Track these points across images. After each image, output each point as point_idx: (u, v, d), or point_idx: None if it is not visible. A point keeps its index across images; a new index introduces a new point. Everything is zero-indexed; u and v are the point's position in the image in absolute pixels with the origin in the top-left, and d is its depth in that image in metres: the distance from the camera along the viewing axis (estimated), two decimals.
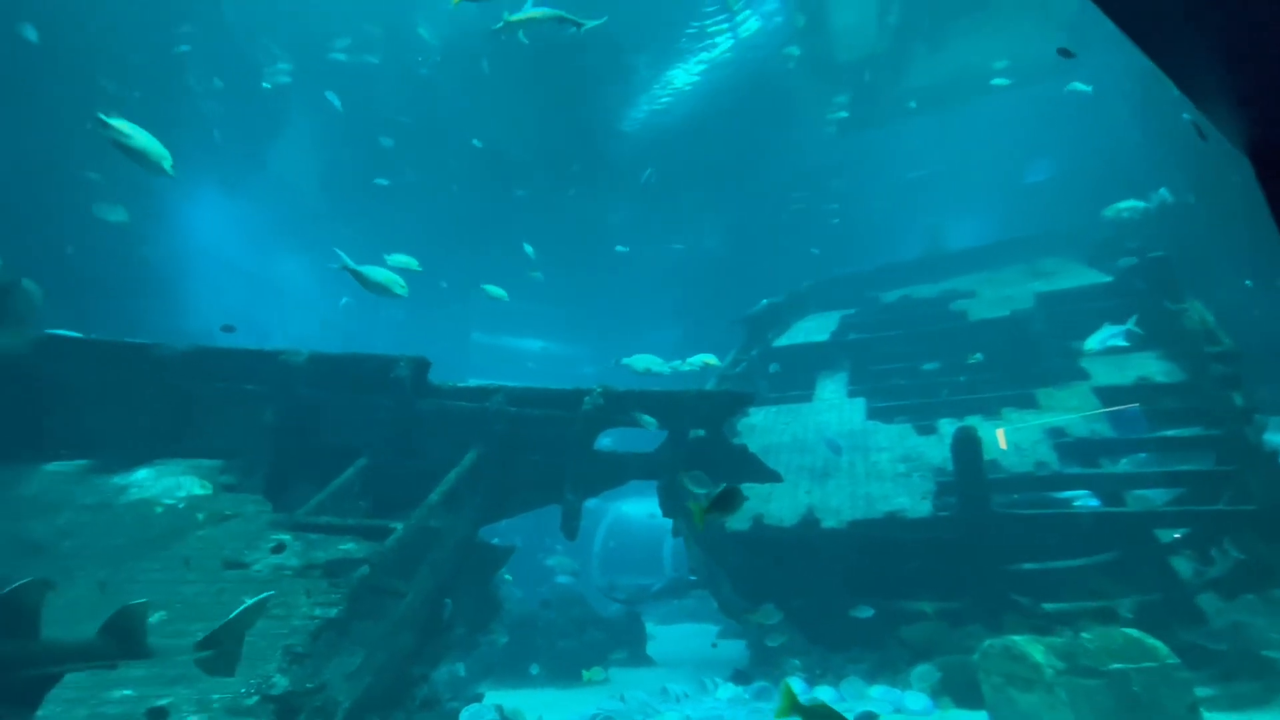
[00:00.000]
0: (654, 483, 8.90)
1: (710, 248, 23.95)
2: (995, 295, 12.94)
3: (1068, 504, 8.82)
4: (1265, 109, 1.37)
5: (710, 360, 10.00)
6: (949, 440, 8.31)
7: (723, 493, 4.45)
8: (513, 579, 12.01)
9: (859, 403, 11.36)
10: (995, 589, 7.70)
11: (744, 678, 8.31)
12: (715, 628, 13.21)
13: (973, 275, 14.67)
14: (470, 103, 18.02)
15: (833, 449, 9.47)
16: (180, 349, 7.43)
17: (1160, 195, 12.42)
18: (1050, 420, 9.55)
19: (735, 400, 8.76)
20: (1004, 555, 7.87)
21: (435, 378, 8.02)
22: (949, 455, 8.29)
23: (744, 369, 13.63)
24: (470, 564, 7.47)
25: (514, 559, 8.33)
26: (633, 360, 9.13)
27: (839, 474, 9.30)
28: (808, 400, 11.93)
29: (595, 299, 24.86)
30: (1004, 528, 7.85)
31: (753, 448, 8.68)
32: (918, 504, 8.34)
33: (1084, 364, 10.13)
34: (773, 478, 8.50)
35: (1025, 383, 10.48)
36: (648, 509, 17.81)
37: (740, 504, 4.53)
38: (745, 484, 6.67)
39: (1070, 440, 9.16)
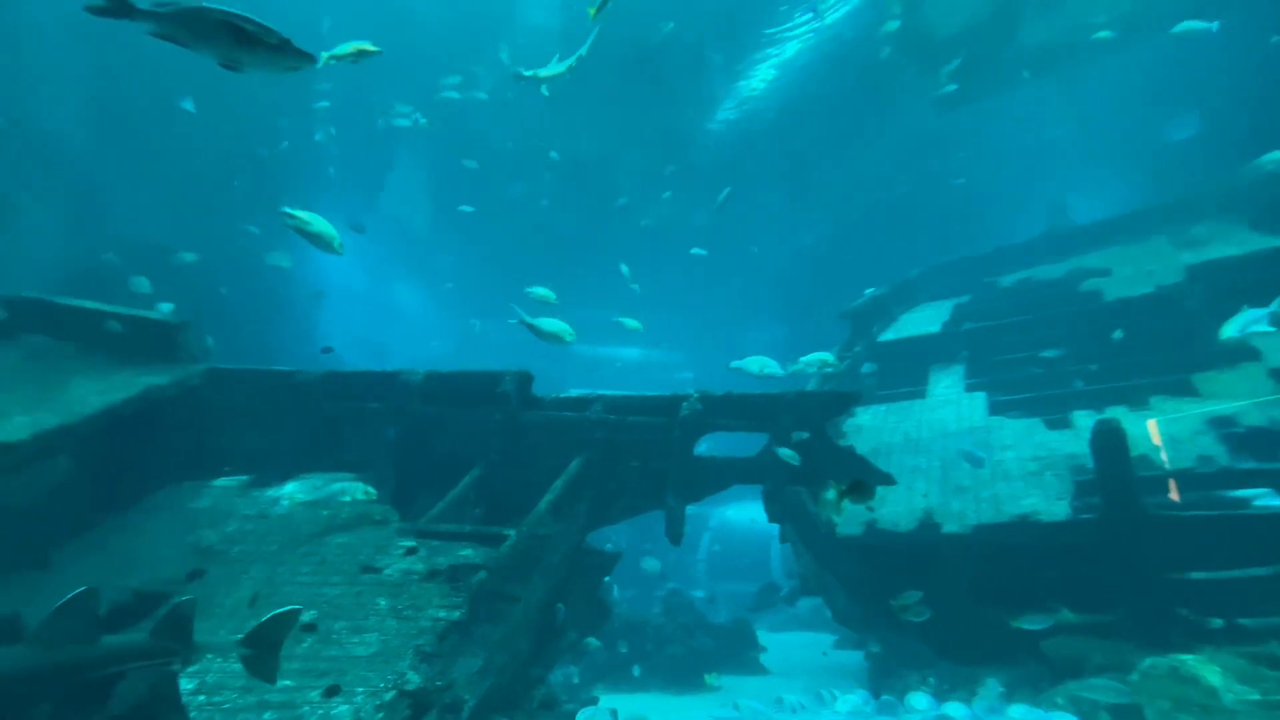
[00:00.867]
0: (758, 487, 8.74)
1: (809, 242, 23.28)
2: (1134, 271, 11.58)
3: (1244, 504, 7.68)
4: None
5: (826, 358, 9.58)
6: (1086, 434, 7.51)
7: (855, 482, 4.37)
8: (617, 585, 12.24)
9: (979, 397, 10.55)
10: (1154, 601, 6.84)
11: (863, 693, 7.93)
12: (829, 636, 12.72)
13: (1105, 251, 13.21)
14: (562, 120, 18.67)
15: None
16: (316, 374, 8.22)
17: None
18: (1214, 408, 8.37)
19: (839, 399, 8.42)
20: (1164, 562, 6.98)
21: (539, 389, 8.37)
22: (1087, 451, 7.49)
23: (848, 366, 13.08)
24: (580, 570, 7.68)
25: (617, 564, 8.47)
26: (745, 363, 8.84)
27: (959, 474, 8.67)
28: (920, 396, 11.24)
29: (691, 303, 24.87)
30: (1162, 531, 6.96)
31: (861, 449, 8.30)
32: (1053, 505, 7.59)
33: (1255, 343, 8.82)
34: (885, 480, 8.08)
35: (1177, 368, 9.28)
36: (752, 514, 17.52)
37: (872, 493, 4.45)
38: None
39: (1242, 431, 7.99)
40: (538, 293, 9.52)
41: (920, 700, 6.73)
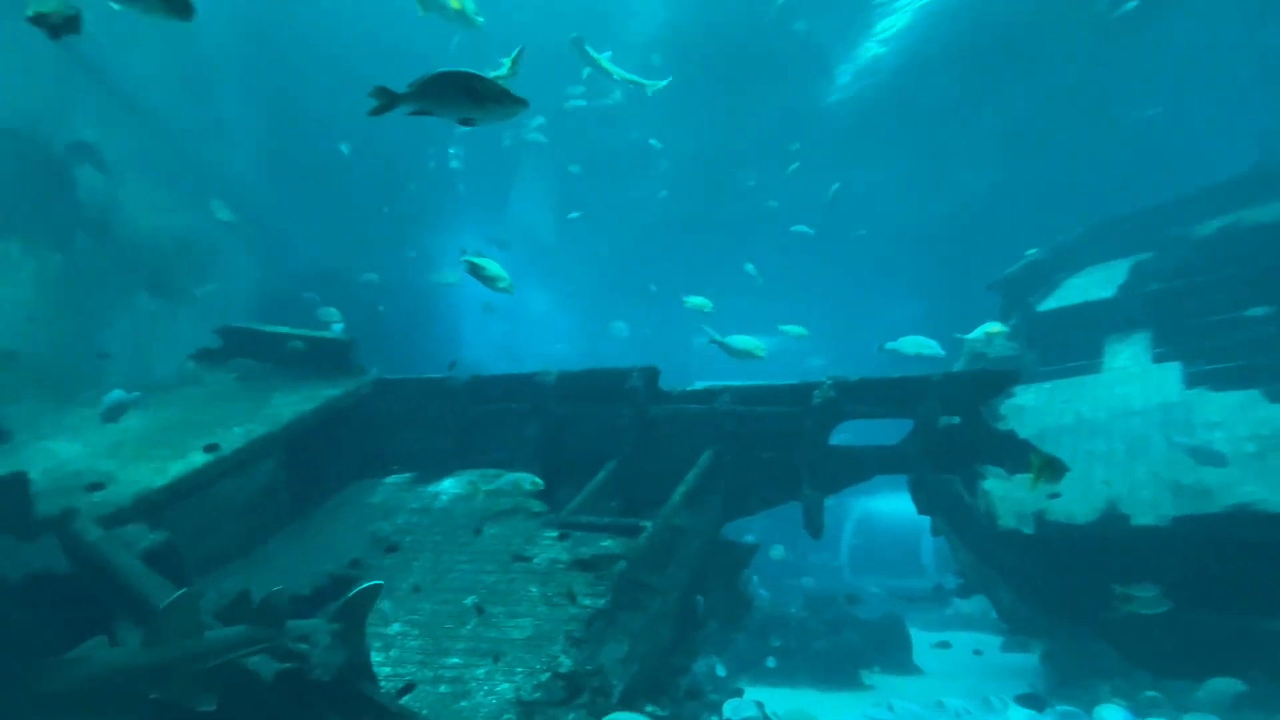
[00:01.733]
0: (903, 477, 8.19)
1: (948, 210, 21.40)
2: None
3: None
4: None
5: (995, 328, 8.69)
6: None
7: (1048, 460, 4.03)
8: (758, 578, 12.06)
9: (1171, 368, 9.12)
10: None
11: (1037, 701, 7.14)
12: (994, 638, 11.65)
13: None
14: (677, 113, 18.67)
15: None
16: (462, 380, 8.92)
17: None
18: None
19: (995, 379, 7.64)
20: None
21: (666, 384, 8.46)
22: None
23: (999, 342, 11.87)
24: (717, 561, 7.67)
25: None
26: (900, 344, 8.11)
27: (1151, 459, 7.54)
28: (1093, 371, 9.93)
29: (820, 285, 23.84)
30: None
31: (1024, 433, 7.47)
32: None
33: None
34: None
35: None
36: (897, 505, 16.51)
37: (1063, 473, 4.09)
38: (1019, 475, 5.77)
39: None
40: (694, 302, 9.61)
41: (1114, 713, 5.96)
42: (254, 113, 15.19)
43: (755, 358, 6.99)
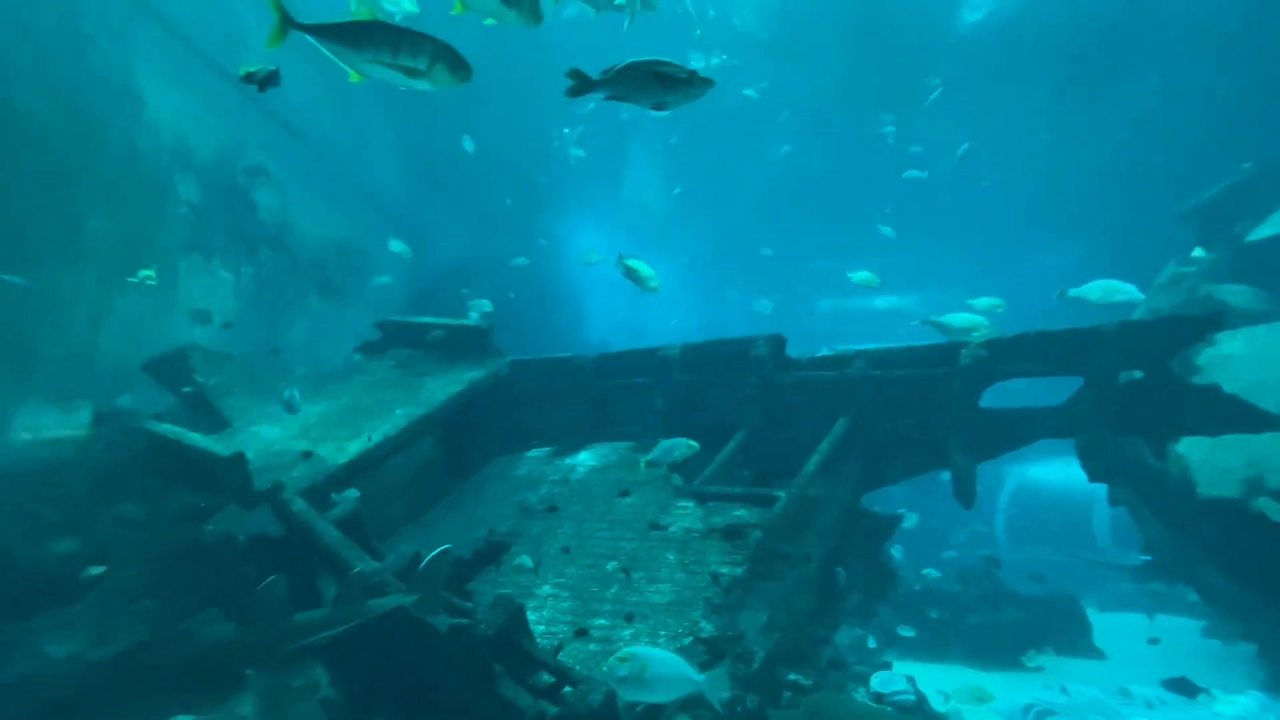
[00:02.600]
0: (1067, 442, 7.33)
1: (1113, 138, 18.54)
2: None
3: None
4: None
5: (1198, 254, 7.36)
6: None
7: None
8: (902, 549, 11.45)
9: None
10: None
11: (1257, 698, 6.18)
12: (1195, 622, 10.22)
13: None
14: (795, 67, 17.77)
15: None
16: (589, 357, 9.25)
17: None
18: None
19: (1191, 324, 6.55)
20: None
21: (792, 352, 8.21)
22: None
23: (1191, 281, 10.19)
24: (857, 532, 7.40)
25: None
26: (1085, 290, 6.97)
27: None
28: None
29: (961, 236, 21.81)
30: None
31: (1231, 387, 6.36)
32: None
33: None
34: (1271, 424, 6.10)
35: None
36: (1062, 472, 14.86)
37: None
38: (1226, 437, 4.94)
39: None
40: (860, 277, 9.19)
41: None
42: (389, 122, 16.55)
43: (977, 332, 6.40)
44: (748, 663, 5.25)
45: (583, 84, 3.04)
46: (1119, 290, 6.30)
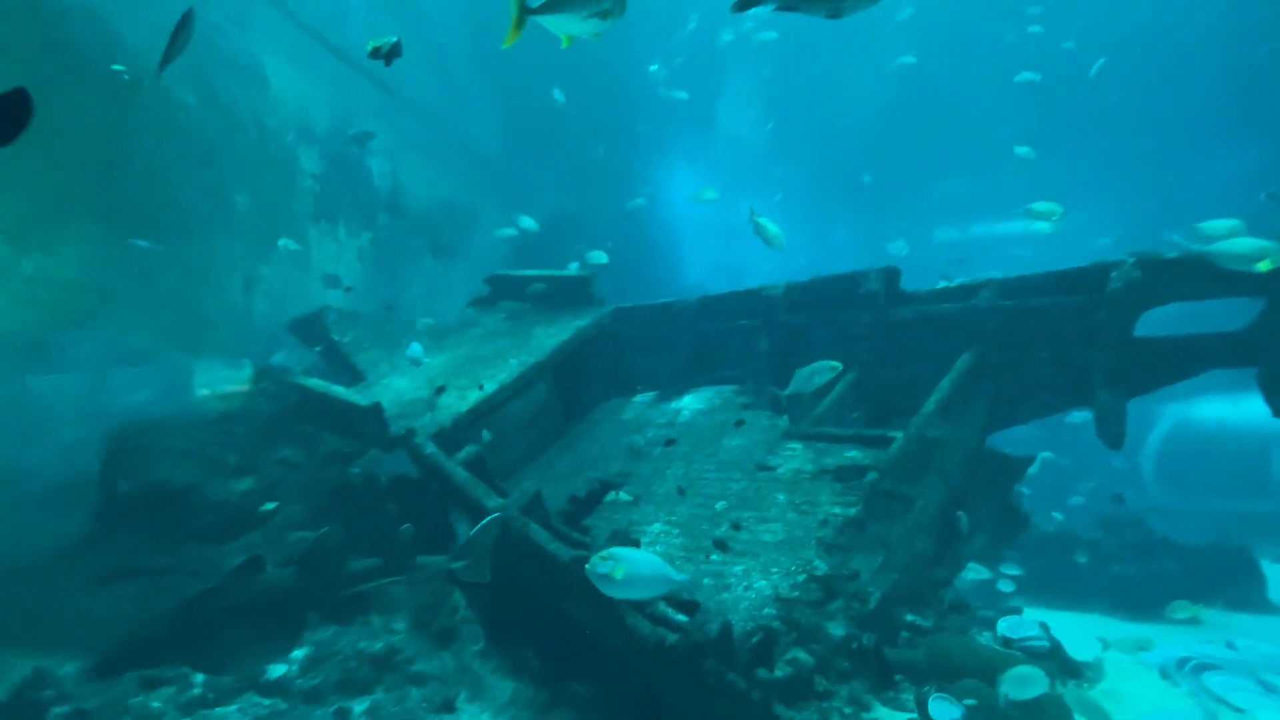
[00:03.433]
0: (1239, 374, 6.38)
1: None
2: None
3: None
4: None
5: None
6: None
7: None
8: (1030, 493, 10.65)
9: None
10: None
11: None
12: None
13: None
14: None
15: None
16: (691, 301, 9.16)
17: None
18: None
19: None
20: None
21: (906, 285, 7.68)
22: None
23: None
24: (983, 474, 6.97)
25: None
26: None
27: None
28: None
29: (1107, 150, 19.14)
30: None
31: None
32: None
33: None
34: None
35: None
36: (1231, 410, 13.10)
37: None
38: None
39: None
40: (1042, 208, 8.19)
41: None
42: (484, 79, 16.78)
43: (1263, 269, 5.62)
44: (863, 602, 5.19)
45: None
46: None
